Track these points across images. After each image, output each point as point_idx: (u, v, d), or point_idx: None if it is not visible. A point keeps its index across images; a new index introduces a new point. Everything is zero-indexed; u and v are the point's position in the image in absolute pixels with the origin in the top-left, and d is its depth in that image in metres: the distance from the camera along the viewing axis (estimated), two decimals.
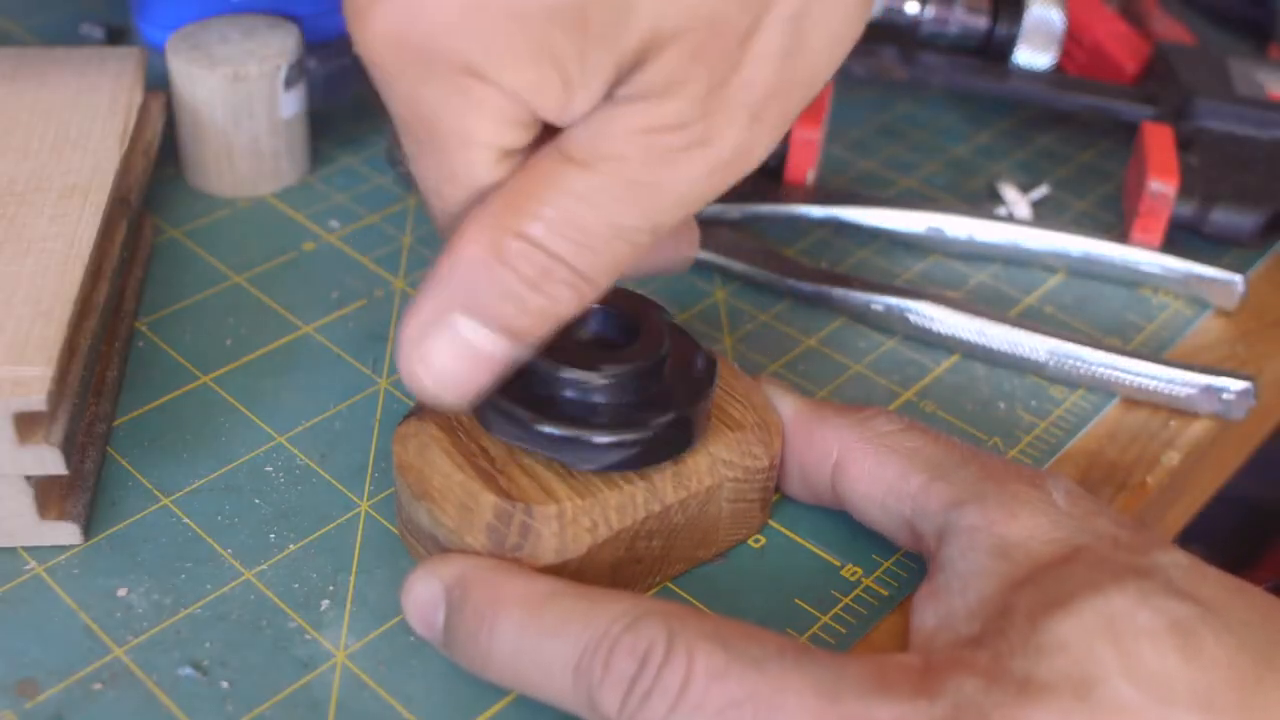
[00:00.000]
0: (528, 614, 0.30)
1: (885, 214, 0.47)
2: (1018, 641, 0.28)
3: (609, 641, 0.28)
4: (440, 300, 0.29)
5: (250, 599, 0.34)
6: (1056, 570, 0.30)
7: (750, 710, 0.27)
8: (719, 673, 0.27)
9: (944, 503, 0.33)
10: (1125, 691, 0.27)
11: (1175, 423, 0.41)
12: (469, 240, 0.29)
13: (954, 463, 0.33)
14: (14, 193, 0.39)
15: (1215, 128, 0.50)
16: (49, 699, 0.31)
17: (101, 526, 0.35)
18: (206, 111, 0.46)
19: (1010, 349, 0.42)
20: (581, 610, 0.29)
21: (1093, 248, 0.46)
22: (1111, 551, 0.30)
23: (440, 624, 0.31)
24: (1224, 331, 0.45)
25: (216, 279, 0.44)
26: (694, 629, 0.28)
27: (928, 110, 0.57)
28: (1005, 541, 0.31)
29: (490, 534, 0.32)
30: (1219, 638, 0.27)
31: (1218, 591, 0.29)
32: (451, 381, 0.30)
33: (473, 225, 0.29)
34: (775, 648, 0.28)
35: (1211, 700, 0.26)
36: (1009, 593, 0.29)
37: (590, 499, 0.32)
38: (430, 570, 0.31)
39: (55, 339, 0.33)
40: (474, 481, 0.32)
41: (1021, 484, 0.32)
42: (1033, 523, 0.31)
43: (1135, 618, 0.28)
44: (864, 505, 0.35)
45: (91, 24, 0.57)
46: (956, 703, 0.27)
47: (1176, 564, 0.30)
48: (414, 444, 0.34)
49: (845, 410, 0.36)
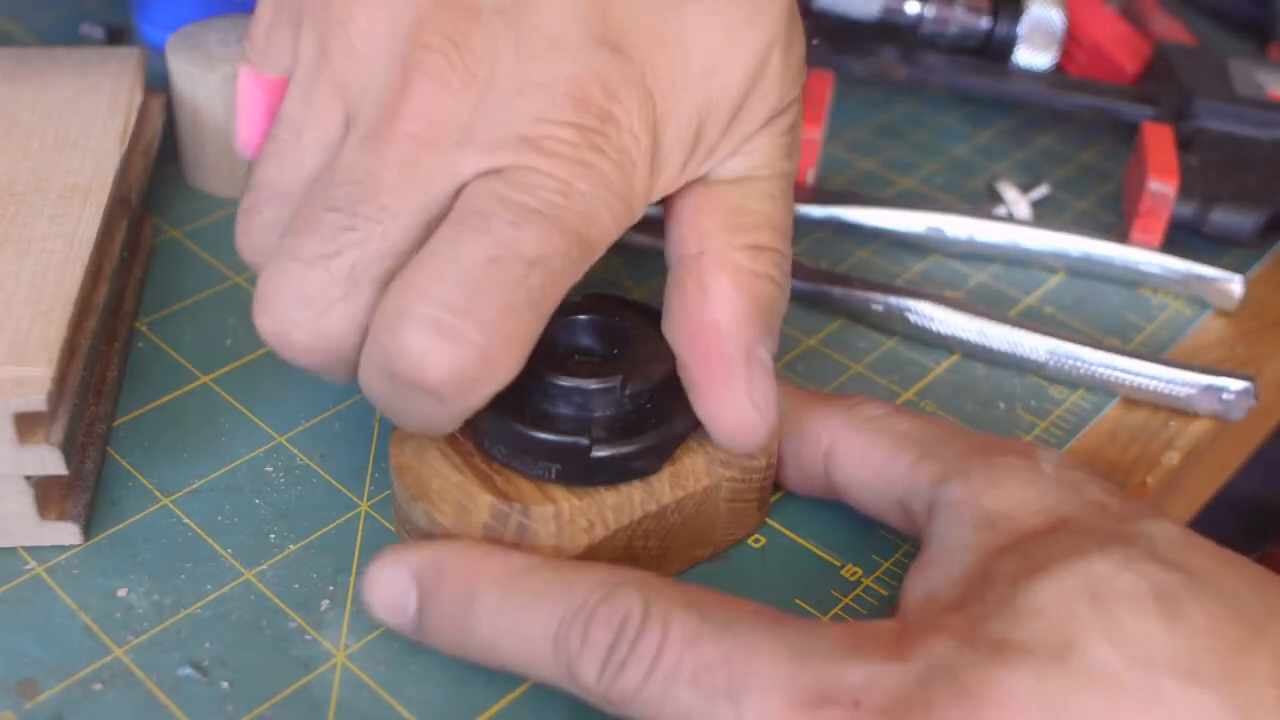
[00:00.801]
0: (505, 591, 0.30)
1: (885, 214, 0.47)
2: (995, 605, 0.28)
3: (585, 612, 0.29)
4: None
5: (250, 599, 0.34)
6: (1041, 538, 0.30)
7: (723, 673, 0.27)
8: (693, 638, 0.28)
9: (932, 479, 0.33)
10: (1104, 655, 0.26)
11: (1175, 423, 0.41)
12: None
13: (941, 441, 0.34)
14: (14, 193, 0.39)
15: (1215, 128, 0.50)
16: (49, 699, 0.31)
17: (101, 526, 0.35)
18: (206, 111, 0.46)
19: (1010, 349, 0.42)
20: (558, 583, 0.29)
21: (1093, 248, 0.46)
22: (1099, 520, 0.30)
23: (412, 610, 0.31)
24: (1224, 332, 0.45)
25: (216, 279, 0.44)
26: (669, 597, 0.28)
27: (928, 110, 0.57)
28: (990, 512, 0.31)
29: (487, 534, 0.32)
30: (1203, 604, 0.27)
31: (1206, 561, 0.29)
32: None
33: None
34: (750, 613, 0.28)
35: (1193, 665, 0.26)
36: (991, 560, 0.29)
37: (587, 499, 0.32)
38: (397, 558, 0.31)
39: (55, 339, 0.33)
40: (471, 482, 0.32)
41: (1009, 455, 0.32)
42: (1018, 492, 0.31)
43: (1117, 582, 0.28)
44: (857, 490, 0.35)
45: (91, 24, 0.57)
46: (929, 664, 0.27)
47: (1164, 533, 0.30)
48: (411, 445, 0.34)
49: (833, 400, 0.36)
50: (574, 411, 0.32)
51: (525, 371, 0.32)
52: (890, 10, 0.55)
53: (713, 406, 0.32)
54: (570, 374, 0.32)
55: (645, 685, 0.28)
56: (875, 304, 0.43)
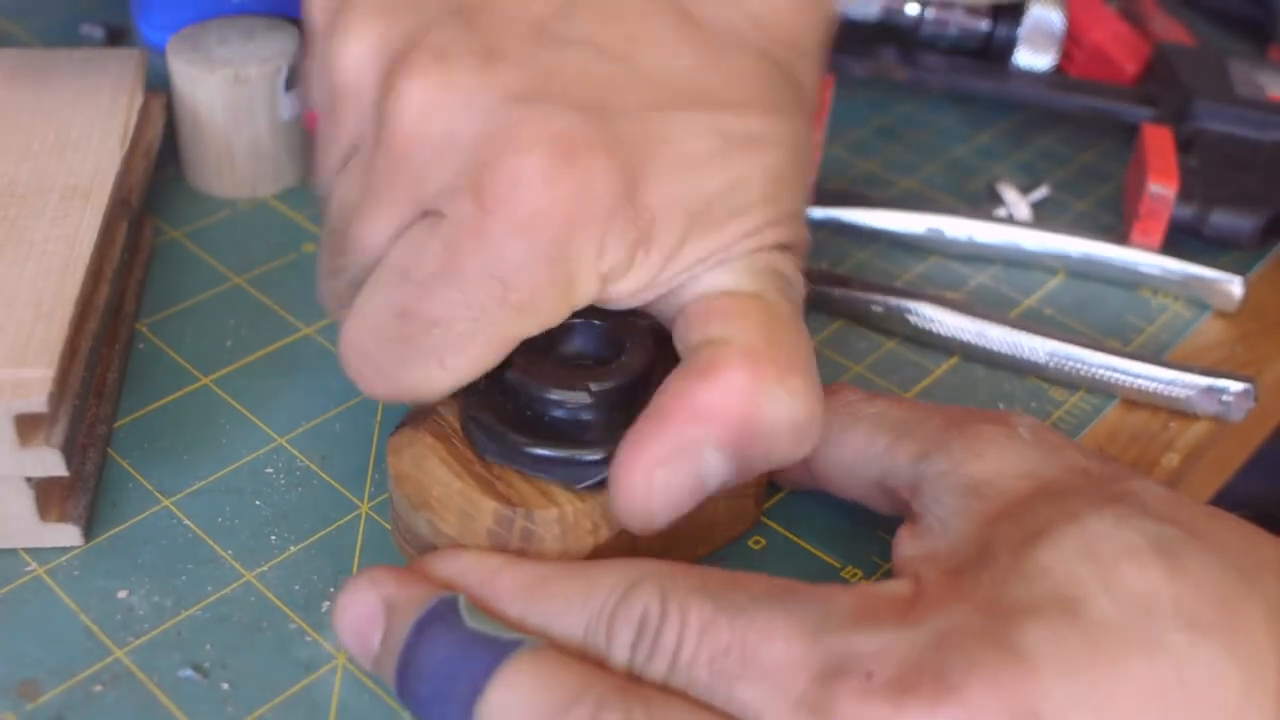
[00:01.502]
0: (526, 603, 0.30)
1: (885, 215, 0.47)
2: (1000, 572, 0.28)
3: (607, 613, 0.29)
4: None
5: (251, 601, 0.34)
6: (1031, 503, 0.30)
7: (737, 654, 0.28)
8: (708, 624, 0.28)
9: (911, 456, 0.33)
10: (1110, 609, 0.27)
11: (1175, 424, 0.41)
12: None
13: (917, 420, 0.34)
14: (15, 194, 0.39)
15: (1215, 129, 0.50)
16: (50, 700, 0.31)
17: (102, 528, 0.35)
18: (207, 113, 0.46)
19: (1010, 350, 0.42)
20: (578, 588, 0.30)
21: (1093, 249, 0.46)
22: (1084, 482, 0.31)
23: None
24: (1224, 333, 0.45)
25: (217, 280, 0.44)
26: (684, 585, 0.29)
27: (928, 111, 0.57)
28: (975, 480, 0.31)
29: (491, 540, 0.32)
30: (1199, 556, 0.28)
31: (1195, 515, 0.29)
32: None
33: None
34: (761, 590, 0.29)
35: (1196, 615, 0.27)
36: (986, 528, 0.30)
37: (590, 501, 0.32)
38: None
39: (56, 341, 0.33)
40: (473, 489, 0.32)
41: (986, 424, 0.33)
42: (999, 459, 0.31)
43: (1115, 539, 0.28)
44: (835, 474, 0.35)
45: (92, 25, 0.57)
46: (942, 629, 0.27)
47: (1150, 490, 0.30)
48: (409, 454, 0.33)
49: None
50: (573, 416, 0.32)
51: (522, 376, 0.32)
52: (890, 11, 0.55)
53: (626, 461, 0.31)
54: (567, 378, 0.32)
55: (671, 674, 0.28)
56: (875, 305, 0.43)
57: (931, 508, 0.32)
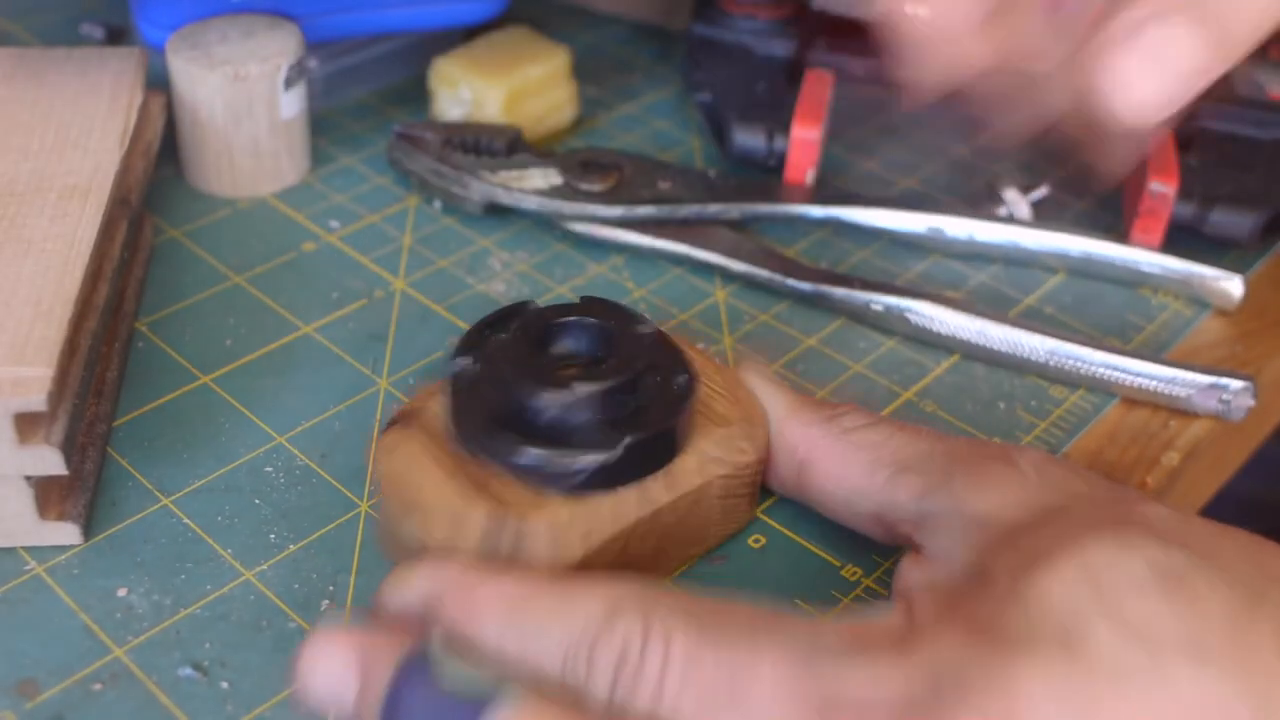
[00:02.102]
0: (505, 623, 0.29)
1: (885, 214, 0.47)
2: (996, 602, 0.28)
3: (588, 641, 0.28)
4: None
5: (250, 599, 0.34)
6: (1031, 529, 0.30)
7: (727, 686, 0.27)
8: (694, 654, 0.27)
9: (913, 493, 0.33)
10: (1109, 641, 0.26)
11: (1175, 423, 0.41)
12: None
13: (920, 453, 0.33)
14: (14, 193, 0.39)
15: (1215, 128, 0.50)
16: (49, 699, 0.31)
17: (101, 527, 0.35)
18: (206, 111, 0.46)
19: (1010, 349, 0.42)
20: (558, 610, 0.29)
21: (1093, 248, 0.46)
22: (1087, 508, 0.30)
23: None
24: (1224, 332, 0.45)
25: (216, 279, 0.44)
26: (668, 608, 0.28)
27: (928, 111, 0.57)
28: (979, 514, 0.31)
29: (483, 544, 0.31)
30: (1207, 578, 0.27)
31: (1202, 536, 0.29)
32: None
33: None
34: (747, 619, 0.28)
35: (1202, 645, 0.26)
36: (988, 557, 0.29)
37: (582, 506, 0.32)
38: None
39: (55, 339, 0.33)
40: (465, 491, 0.32)
41: (989, 461, 0.32)
42: (1001, 495, 0.31)
43: (1116, 566, 0.27)
44: (829, 503, 0.35)
45: (91, 24, 0.57)
46: (934, 661, 0.27)
47: (1155, 513, 0.30)
48: (400, 454, 0.33)
49: (819, 407, 0.36)
50: (566, 418, 0.32)
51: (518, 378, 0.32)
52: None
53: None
54: (561, 380, 0.32)
55: (655, 705, 0.27)
56: (875, 304, 0.43)
57: (934, 540, 0.31)
